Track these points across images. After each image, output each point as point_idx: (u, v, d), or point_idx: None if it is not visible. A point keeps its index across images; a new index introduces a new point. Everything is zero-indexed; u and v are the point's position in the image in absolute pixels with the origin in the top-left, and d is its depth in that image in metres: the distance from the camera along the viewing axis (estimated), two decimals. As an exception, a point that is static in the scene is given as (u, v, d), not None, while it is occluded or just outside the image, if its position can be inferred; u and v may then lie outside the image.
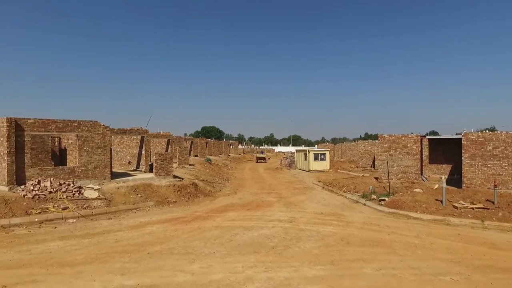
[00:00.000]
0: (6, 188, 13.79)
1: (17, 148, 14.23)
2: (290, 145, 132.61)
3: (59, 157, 21.62)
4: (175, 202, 15.76)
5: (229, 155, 57.18)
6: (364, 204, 15.67)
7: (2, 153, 14.12)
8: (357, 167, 34.63)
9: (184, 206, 15.20)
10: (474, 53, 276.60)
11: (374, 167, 31.17)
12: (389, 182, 17.12)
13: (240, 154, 68.86)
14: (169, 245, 9.34)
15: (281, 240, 9.94)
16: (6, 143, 13.80)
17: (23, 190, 13.50)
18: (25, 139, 14.49)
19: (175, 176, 19.44)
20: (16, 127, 14.21)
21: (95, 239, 9.92)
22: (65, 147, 21.62)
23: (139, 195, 15.45)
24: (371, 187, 18.01)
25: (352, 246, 9.38)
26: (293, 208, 15.07)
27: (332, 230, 11.16)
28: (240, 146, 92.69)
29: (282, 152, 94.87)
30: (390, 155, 20.39)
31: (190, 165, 29.13)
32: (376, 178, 21.52)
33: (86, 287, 6.58)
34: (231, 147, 70.94)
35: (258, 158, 55.12)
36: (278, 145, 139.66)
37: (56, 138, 21.71)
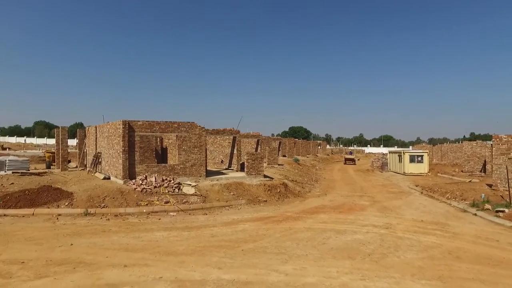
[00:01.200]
0: (121, 181, 15.80)
1: (129, 146, 16.17)
2: (381, 145, 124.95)
3: (161, 155, 23.96)
4: (266, 201, 16.08)
5: (317, 156, 56.41)
6: (475, 215, 13.79)
7: (118, 151, 16.23)
8: (462, 171, 30.85)
9: (274, 206, 15.41)
10: None
11: (485, 172, 27.40)
12: (509, 191, 14.76)
13: (328, 155, 67.48)
14: (262, 243, 9.51)
15: (377, 247, 9.33)
16: (121, 142, 15.82)
17: (133, 184, 15.27)
18: (136, 139, 16.38)
19: (265, 176, 19.87)
20: (129, 129, 16.15)
21: (193, 232, 10.65)
22: (166, 146, 23.87)
23: (232, 193, 16.16)
24: (483, 195, 15.79)
25: (464, 262, 8.29)
26: (388, 213, 14.08)
27: (436, 241, 10.07)
28: (328, 147, 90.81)
29: (373, 153, 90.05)
30: (509, 158, 17.55)
31: (279, 165, 29.53)
32: (489, 185, 18.79)
33: (187, 276, 7.07)
34: (319, 147, 69.92)
35: (346, 159, 52.69)
36: (368, 145, 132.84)
37: (158, 138, 24.09)
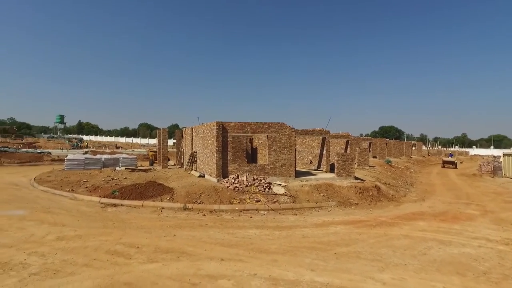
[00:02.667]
0: (215, 180, 16.78)
1: (223, 146, 17.08)
2: (492, 147, 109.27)
3: (251, 155, 24.77)
4: (357, 204, 15.41)
5: (411, 157, 52.06)
6: None
7: (212, 151, 17.27)
8: None
9: (366, 209, 14.67)
10: None
11: None
12: None
13: (423, 157, 61.70)
14: (355, 248, 9.12)
15: (495, 265, 8.14)
16: (215, 142, 16.80)
17: (226, 182, 16.07)
18: (228, 139, 17.23)
19: (356, 178, 19.07)
20: (222, 129, 17.07)
21: (284, 232, 10.73)
22: (255, 147, 24.61)
23: (321, 194, 15.88)
24: None
25: None
26: (507, 226, 12.21)
27: None
28: (423, 148, 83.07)
29: (480, 156, 79.48)
30: None
31: (369, 166, 28.08)
32: None
33: (281, 275, 7.13)
34: (414, 148, 64.44)
35: (444, 161, 46.30)
36: (474, 146, 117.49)
37: (248, 138, 24.95)
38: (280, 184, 16.34)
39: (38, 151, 40.69)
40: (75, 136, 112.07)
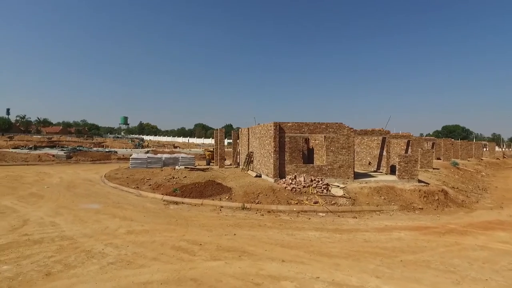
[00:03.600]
0: (272, 180, 16.83)
1: (280, 147, 17.07)
2: None
3: (307, 156, 24.45)
4: (422, 209, 14.47)
5: (481, 159, 47.75)
6: None
7: (269, 151, 17.34)
8: None
9: (432, 215, 13.71)
10: None
11: None
12: None
13: (498, 159, 56.13)
14: (423, 256, 8.55)
15: None
16: (273, 142, 16.85)
17: (284, 183, 16.02)
18: (285, 140, 17.18)
19: (419, 181, 17.94)
20: (279, 130, 17.06)
21: (345, 235, 10.41)
22: (312, 147, 24.25)
23: (382, 197, 15.17)
24: None
25: None
26: None
27: None
28: (497, 149, 75.68)
29: None
30: None
31: (434, 168, 26.27)
32: None
33: (344, 280, 6.92)
34: (485, 149, 58.99)
35: None
36: None
37: (305, 139, 24.63)
38: (338, 186, 15.91)
39: (107, 150, 44.12)
40: (137, 136, 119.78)
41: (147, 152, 38.78)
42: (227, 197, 14.79)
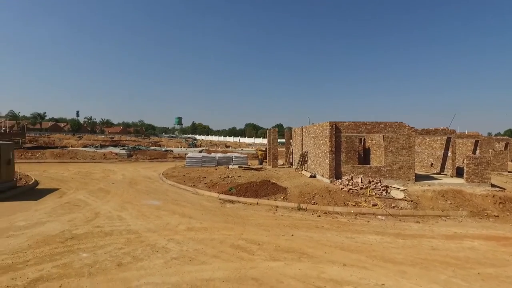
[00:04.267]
0: (327, 180, 16.42)
1: (336, 147, 16.60)
2: None
3: (363, 157, 23.57)
4: (497, 216, 13.17)
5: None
6: None
7: (325, 151, 16.94)
8: None
9: (511, 224, 12.43)
10: None
11: None
12: None
13: None
14: (506, 271, 7.68)
15: None
16: (328, 142, 16.44)
17: (340, 184, 15.56)
18: (342, 140, 16.67)
19: (492, 185, 16.39)
20: (336, 129, 16.59)
21: (408, 241, 9.79)
22: (368, 147, 23.32)
23: (448, 202, 14.08)
24: None
25: None
26: None
27: None
28: None
29: None
30: None
31: (508, 172, 23.90)
32: None
33: (413, 290, 6.48)
34: None
35: None
36: None
37: (361, 139, 23.77)
38: (398, 188, 15.07)
39: (163, 149, 46.29)
40: (189, 135, 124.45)
41: (201, 151, 40.04)
42: (282, 197, 14.70)
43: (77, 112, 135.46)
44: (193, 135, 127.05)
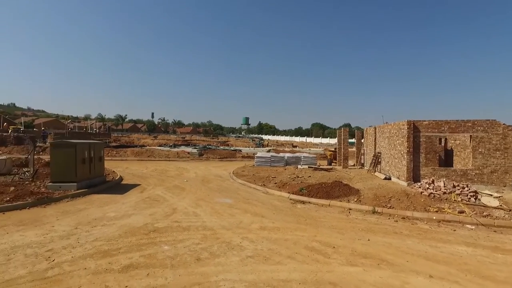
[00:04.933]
0: (404, 183, 15.34)
1: (414, 148, 15.43)
2: None
3: (444, 159, 21.57)
4: None
5: None
6: None
7: (402, 152, 15.86)
8: None
9: None
10: None
11: None
12: None
13: None
14: None
15: None
16: (406, 143, 15.35)
17: (419, 187, 14.42)
18: (421, 140, 15.44)
19: None
20: (414, 129, 15.42)
21: (510, 257, 8.63)
22: (451, 148, 21.28)
23: (555, 212, 12.18)
24: None
25: None
26: None
27: None
28: None
29: None
30: None
31: None
32: None
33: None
34: None
35: None
36: None
37: (440, 139, 21.78)
38: (491, 195, 13.47)
39: (232, 148, 47.67)
40: (256, 135, 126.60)
41: (269, 151, 40.38)
42: (355, 199, 14.08)
43: (152, 113, 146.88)
44: (259, 135, 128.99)
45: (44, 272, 6.60)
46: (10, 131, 44.19)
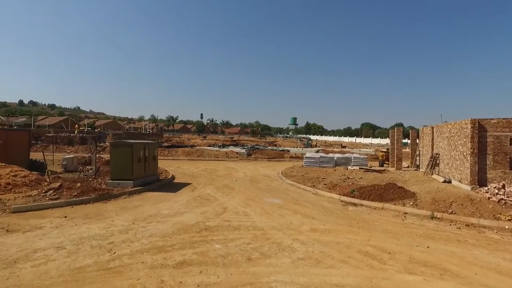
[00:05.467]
0: (467, 187, 14.17)
1: (479, 149, 14.19)
2: None
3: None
4: None
5: None
6: None
7: (464, 153, 14.67)
8: None
9: None
10: None
11: None
12: None
13: None
14: None
15: None
16: (469, 143, 14.17)
17: (486, 192, 13.23)
18: (487, 140, 14.16)
19: None
20: (479, 128, 14.19)
21: None
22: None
23: None
24: None
25: None
26: None
27: None
28: None
29: None
30: None
31: None
32: None
33: None
34: None
35: None
36: None
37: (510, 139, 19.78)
38: None
39: (280, 149, 47.54)
40: (304, 136, 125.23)
41: (317, 151, 39.66)
42: (411, 203, 13.26)
43: (201, 114, 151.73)
44: (307, 135, 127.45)
45: (107, 263, 7.02)
46: (76, 132, 48.00)
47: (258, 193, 15.98)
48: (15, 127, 59.73)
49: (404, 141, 40.04)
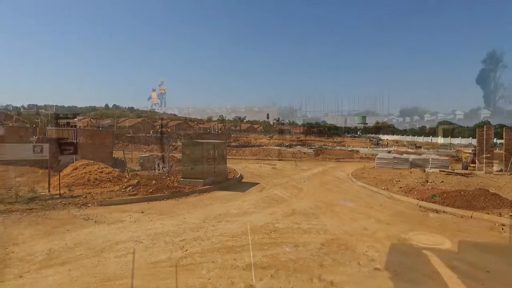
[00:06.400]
0: None
1: None
2: None
3: None
4: None
5: None
6: None
7: None
8: None
9: None
10: None
11: None
12: None
13: None
14: None
15: None
16: None
17: None
18: None
19: None
20: None
21: None
22: None
23: None
24: None
25: None
26: None
27: None
28: None
29: None
30: None
31: None
32: None
33: None
34: None
35: None
36: None
37: None
38: None
39: (349, 149, 45.75)
40: (373, 135, 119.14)
41: (389, 151, 37.25)
42: (510, 213, 11.51)
43: (267, 114, 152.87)
44: (377, 135, 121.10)
45: (179, 260, 7.18)
46: (152, 131, 51.68)
47: (327, 195, 15.35)
48: (101, 128, 66.48)
49: (494, 141, 35.64)
